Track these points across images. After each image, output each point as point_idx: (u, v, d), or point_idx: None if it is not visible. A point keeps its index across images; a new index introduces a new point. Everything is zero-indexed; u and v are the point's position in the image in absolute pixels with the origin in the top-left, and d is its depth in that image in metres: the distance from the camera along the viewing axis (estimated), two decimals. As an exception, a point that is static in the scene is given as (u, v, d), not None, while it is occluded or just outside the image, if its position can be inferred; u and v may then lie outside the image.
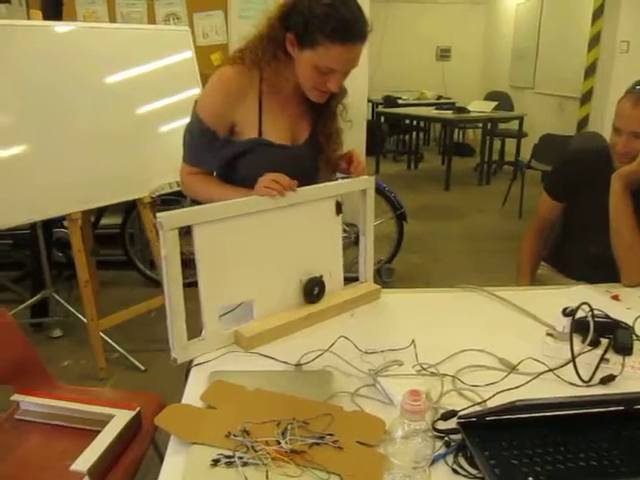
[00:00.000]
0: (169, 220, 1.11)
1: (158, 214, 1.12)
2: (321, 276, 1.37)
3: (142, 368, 2.70)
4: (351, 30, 1.26)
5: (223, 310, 1.27)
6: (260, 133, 1.40)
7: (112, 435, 1.36)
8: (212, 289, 1.22)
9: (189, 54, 2.95)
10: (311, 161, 1.48)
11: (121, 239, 3.61)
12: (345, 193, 1.41)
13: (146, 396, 1.63)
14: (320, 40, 1.25)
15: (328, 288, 1.39)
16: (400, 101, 8.11)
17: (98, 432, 1.37)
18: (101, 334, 2.65)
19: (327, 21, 1.24)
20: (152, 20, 3.81)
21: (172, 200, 2.89)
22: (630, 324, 1.26)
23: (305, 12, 1.25)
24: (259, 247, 1.27)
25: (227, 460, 0.88)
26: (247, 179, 1.35)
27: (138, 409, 1.46)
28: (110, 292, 3.45)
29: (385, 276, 3.61)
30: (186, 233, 1.19)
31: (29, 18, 2.52)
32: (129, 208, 3.48)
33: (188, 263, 1.18)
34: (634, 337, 1.23)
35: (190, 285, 1.19)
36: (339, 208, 1.41)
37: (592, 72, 5.14)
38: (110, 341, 2.74)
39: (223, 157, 1.42)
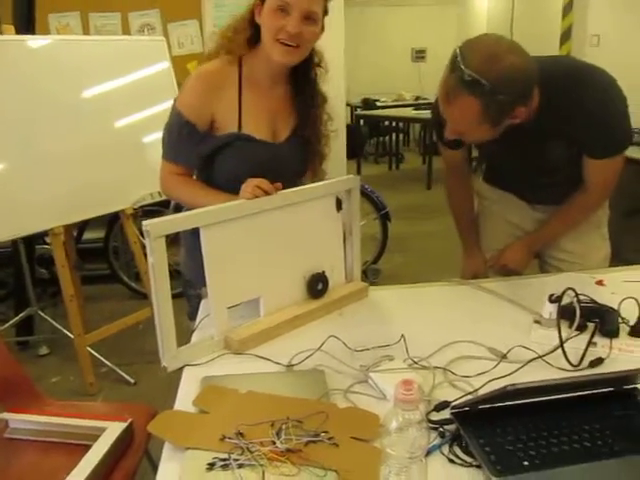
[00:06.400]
0: (155, 228, 1.11)
1: (144, 222, 1.12)
2: (324, 272, 1.40)
3: (131, 381, 2.68)
4: None
5: (231, 311, 1.28)
6: (240, 128, 1.40)
7: (104, 448, 1.34)
8: (220, 289, 1.24)
9: (165, 64, 2.94)
10: (292, 161, 1.49)
11: (105, 253, 3.58)
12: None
13: (137, 408, 1.61)
14: None
15: (331, 283, 1.42)
16: (378, 103, 8.16)
17: (90, 446, 1.35)
18: (89, 349, 2.62)
19: None
20: (126, 32, 3.80)
21: (154, 210, 2.87)
22: (615, 308, 1.28)
23: None
24: (263, 246, 1.30)
25: (223, 463, 0.87)
26: (227, 174, 1.37)
27: (130, 421, 1.44)
28: (96, 307, 3.41)
29: (372, 277, 3.62)
30: (172, 242, 1.18)
31: (1, 33, 2.50)
32: (111, 221, 3.46)
33: (172, 274, 1.18)
34: (620, 320, 1.25)
35: (174, 297, 1.19)
36: (339, 204, 1.43)
37: (565, 66, 5.22)
38: (98, 355, 2.71)
39: (202, 151, 1.41)
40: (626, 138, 1.45)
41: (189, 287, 1.56)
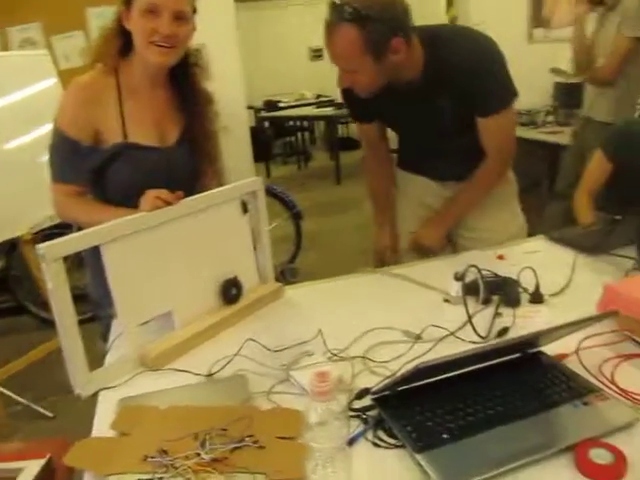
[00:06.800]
0: (51, 250, 1.06)
1: (38, 245, 1.06)
2: (236, 276, 1.38)
3: (50, 415, 2.54)
4: None
5: (144, 327, 1.25)
6: (125, 137, 1.38)
7: (23, 490, 1.26)
8: (129, 307, 1.19)
9: (52, 80, 2.80)
10: (185, 164, 1.48)
11: (6, 284, 3.36)
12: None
13: (56, 442, 1.52)
14: None
15: (245, 286, 1.40)
16: (281, 104, 8.18)
17: (7, 490, 1.27)
18: (-2, 387, 2.46)
19: None
20: (5, 48, 3.59)
21: (56, 234, 2.73)
22: (515, 278, 1.35)
23: None
24: (170, 257, 1.26)
25: (147, 484, 0.85)
26: (120, 186, 1.36)
27: (48, 457, 1.36)
28: (3, 342, 3.20)
29: (290, 276, 3.61)
30: (79, 265, 1.13)
31: None
32: (10, 249, 3.25)
33: (78, 299, 1.13)
34: (521, 290, 1.33)
35: (88, 321, 1.14)
36: (245, 207, 1.42)
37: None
38: (9, 393, 2.54)
39: (90, 166, 1.38)
40: (509, 91, 1.52)
41: (99, 308, 1.50)
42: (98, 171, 1.39)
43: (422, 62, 1.47)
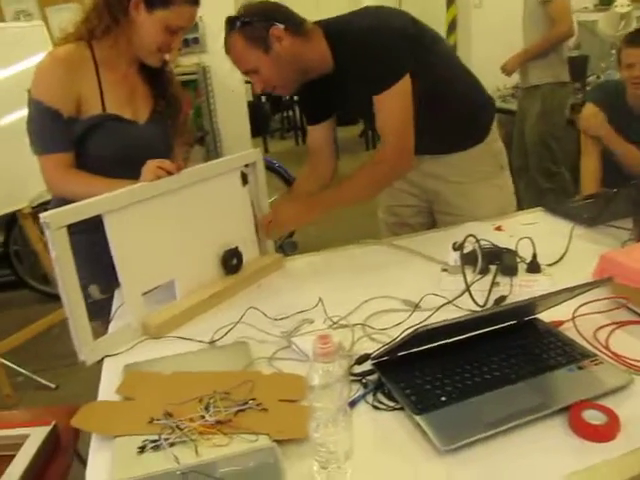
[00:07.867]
0: (55, 218, 1.07)
1: (41, 214, 1.07)
2: (237, 247, 1.40)
3: (52, 386, 2.57)
4: None
5: (147, 296, 1.26)
6: (104, 109, 1.38)
7: (29, 456, 1.29)
8: (132, 275, 1.21)
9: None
10: (160, 141, 1.50)
11: (7, 258, 3.38)
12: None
13: (60, 409, 1.55)
14: (176, 1, 1.33)
15: (245, 257, 1.42)
16: (278, 78, 8.10)
17: (14, 456, 1.30)
18: (1, 359, 2.48)
19: None
20: (-1, 20, 3.55)
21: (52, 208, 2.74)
22: (513, 249, 1.37)
23: None
24: (172, 227, 1.28)
25: (154, 444, 0.87)
26: (100, 158, 1.38)
27: (54, 423, 1.39)
28: (6, 315, 3.23)
29: (289, 250, 3.62)
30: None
31: None
32: (9, 223, 3.26)
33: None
34: (518, 259, 1.35)
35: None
36: (245, 179, 1.44)
37: (453, 28, 5.41)
38: (12, 365, 2.57)
39: (71, 136, 1.37)
40: (391, 71, 1.45)
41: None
42: (77, 144, 1.38)
43: (329, 52, 1.49)
